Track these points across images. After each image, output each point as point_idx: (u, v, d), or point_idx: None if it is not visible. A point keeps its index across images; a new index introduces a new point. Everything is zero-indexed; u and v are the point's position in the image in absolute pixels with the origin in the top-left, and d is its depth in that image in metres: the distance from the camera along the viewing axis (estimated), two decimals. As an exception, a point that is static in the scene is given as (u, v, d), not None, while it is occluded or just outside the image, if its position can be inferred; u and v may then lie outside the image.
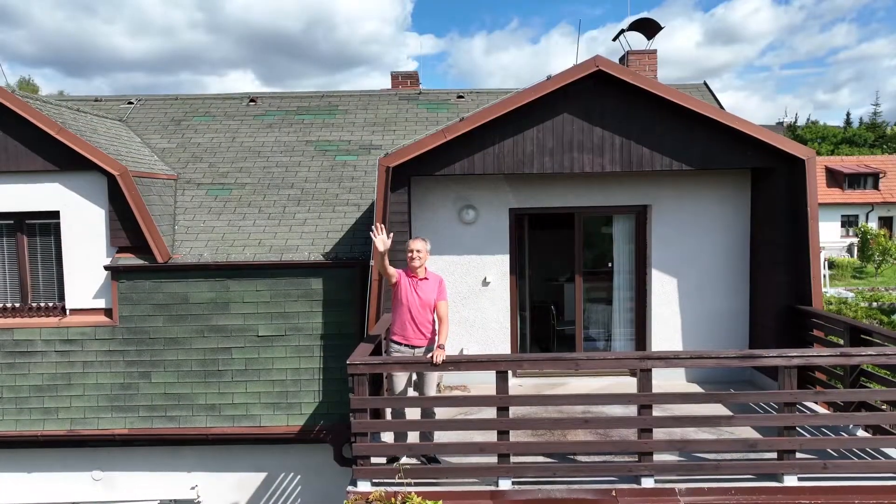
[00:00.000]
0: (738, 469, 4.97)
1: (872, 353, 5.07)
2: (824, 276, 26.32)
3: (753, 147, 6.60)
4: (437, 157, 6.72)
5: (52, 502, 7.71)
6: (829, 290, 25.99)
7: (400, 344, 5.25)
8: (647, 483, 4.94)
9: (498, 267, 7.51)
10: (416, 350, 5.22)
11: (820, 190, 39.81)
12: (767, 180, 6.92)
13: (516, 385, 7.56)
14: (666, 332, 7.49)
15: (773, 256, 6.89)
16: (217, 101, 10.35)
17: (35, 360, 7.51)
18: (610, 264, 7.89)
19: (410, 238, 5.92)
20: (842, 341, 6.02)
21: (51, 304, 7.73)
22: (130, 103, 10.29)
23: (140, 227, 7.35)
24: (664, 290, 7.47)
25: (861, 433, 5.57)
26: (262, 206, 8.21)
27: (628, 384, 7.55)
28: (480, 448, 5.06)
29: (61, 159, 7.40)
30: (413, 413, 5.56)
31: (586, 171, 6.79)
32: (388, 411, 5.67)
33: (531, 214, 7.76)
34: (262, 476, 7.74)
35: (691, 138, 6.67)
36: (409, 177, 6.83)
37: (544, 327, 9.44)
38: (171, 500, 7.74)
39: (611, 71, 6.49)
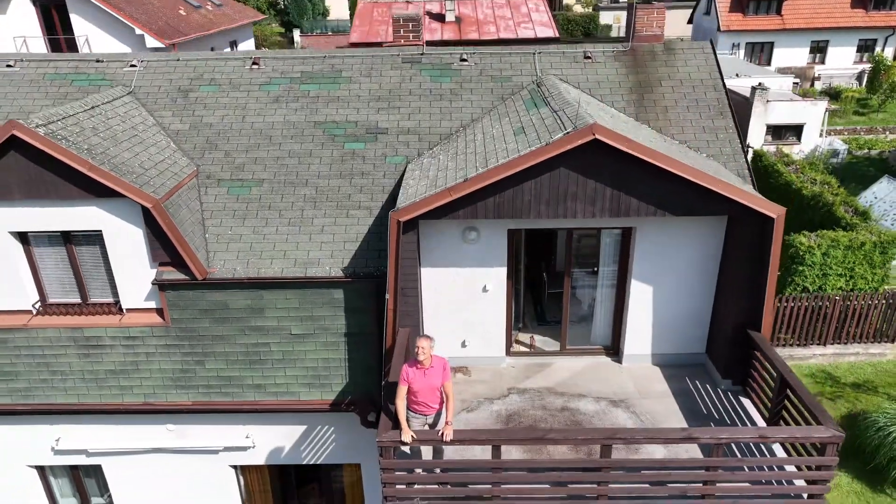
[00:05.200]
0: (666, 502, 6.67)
1: (784, 437, 6.46)
2: (824, 117, 26.44)
3: (730, 202, 7.26)
4: (443, 209, 7.39)
5: (136, 447, 9.71)
6: (823, 143, 26.36)
7: (416, 413, 6.63)
8: (602, 511, 6.67)
9: (496, 277, 8.53)
10: (429, 417, 6.63)
11: (841, 10, 37.63)
12: (742, 223, 7.66)
13: (509, 366, 9.07)
14: (639, 328, 8.76)
15: (736, 285, 7.92)
16: (219, 63, 10.31)
17: (105, 351, 8.92)
18: (595, 270, 8.89)
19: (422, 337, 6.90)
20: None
21: (109, 302, 8.92)
22: (133, 66, 10.27)
23: (175, 245, 8.23)
24: (641, 297, 8.58)
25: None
26: (281, 210, 8.94)
27: (604, 363, 9.10)
28: (481, 471, 6.70)
29: (96, 189, 8.01)
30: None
31: (578, 218, 7.51)
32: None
33: (527, 229, 8.57)
34: (302, 428, 9.62)
35: (675, 192, 7.28)
36: (417, 221, 7.57)
37: (538, 304, 10.60)
38: (230, 446, 9.72)
39: (605, 139, 6.90)
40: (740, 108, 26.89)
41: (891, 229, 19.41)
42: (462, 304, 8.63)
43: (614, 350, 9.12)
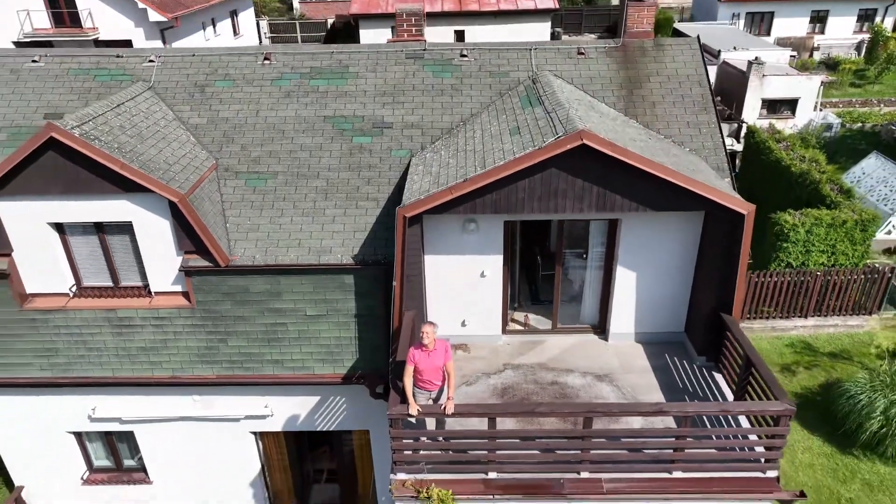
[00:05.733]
0: (641, 468, 7.59)
1: (743, 410, 7.34)
2: (818, 91, 26.81)
3: (706, 201, 8.00)
4: (445, 206, 8.13)
5: (165, 416, 10.65)
6: (816, 117, 26.81)
7: (421, 390, 7.50)
8: (584, 473, 7.60)
9: (493, 263, 9.32)
10: (432, 392, 7.51)
11: (843, -23, 37.41)
12: (716, 218, 8.41)
13: (505, 344, 9.95)
14: (624, 309, 9.59)
15: (711, 273, 8.72)
16: (233, 58, 10.89)
17: (136, 330, 9.78)
18: (585, 255, 9.68)
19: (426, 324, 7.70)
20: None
21: (139, 285, 9.74)
22: (151, 61, 10.86)
23: (200, 236, 9.01)
24: (626, 281, 9.38)
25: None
26: (295, 201, 9.68)
27: (591, 340, 9.97)
28: (478, 439, 7.62)
29: (126, 185, 8.74)
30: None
31: (568, 212, 8.27)
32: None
33: (522, 221, 9.32)
34: (316, 398, 10.55)
35: (655, 190, 8.01)
36: (421, 216, 8.33)
37: (532, 285, 11.38)
38: (250, 415, 10.66)
39: (592, 144, 7.60)
40: (737, 82, 27.33)
41: (877, 205, 20.17)
42: (462, 288, 9.45)
43: (601, 328, 9.97)
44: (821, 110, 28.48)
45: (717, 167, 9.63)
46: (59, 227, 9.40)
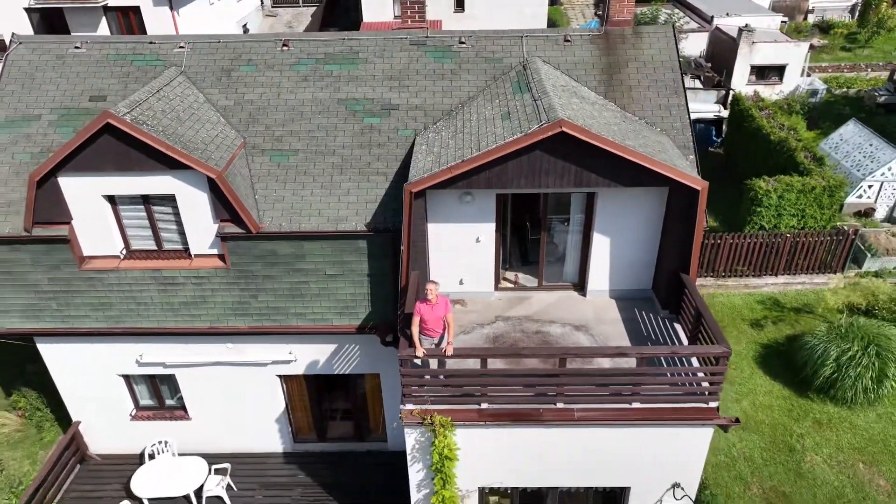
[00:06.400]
0: (607, 400, 9.22)
1: (689, 352, 8.93)
2: (805, 57, 27.77)
3: (667, 178, 9.41)
4: (445, 182, 9.54)
5: (202, 361, 12.29)
6: (803, 83, 27.83)
7: (426, 336, 9.08)
8: (560, 404, 9.24)
9: (487, 230, 10.78)
10: (435, 339, 9.09)
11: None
12: (677, 192, 9.83)
13: (497, 299, 11.50)
14: (600, 269, 11.09)
15: (672, 239, 10.20)
16: (255, 44, 12.11)
17: (179, 287, 11.32)
18: (567, 222, 11.14)
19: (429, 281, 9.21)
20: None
21: (180, 249, 11.24)
22: (181, 47, 12.09)
23: (234, 207, 10.46)
24: (602, 245, 10.85)
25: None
26: (314, 175, 11.08)
27: (572, 296, 11.52)
28: (472, 377, 9.24)
29: (170, 163, 10.14)
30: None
31: (551, 188, 9.69)
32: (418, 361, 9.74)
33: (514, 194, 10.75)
34: (334, 346, 12.18)
35: (624, 169, 9.40)
36: (425, 191, 9.75)
37: (522, 248, 12.83)
38: (276, 360, 12.29)
39: (571, 132, 8.97)
40: (728, 49, 28.25)
41: (850, 170, 21.54)
42: (460, 252, 10.93)
43: (580, 286, 11.50)
44: (809, 76, 29.45)
45: (684, 145, 10.99)
46: (112, 199, 10.84)
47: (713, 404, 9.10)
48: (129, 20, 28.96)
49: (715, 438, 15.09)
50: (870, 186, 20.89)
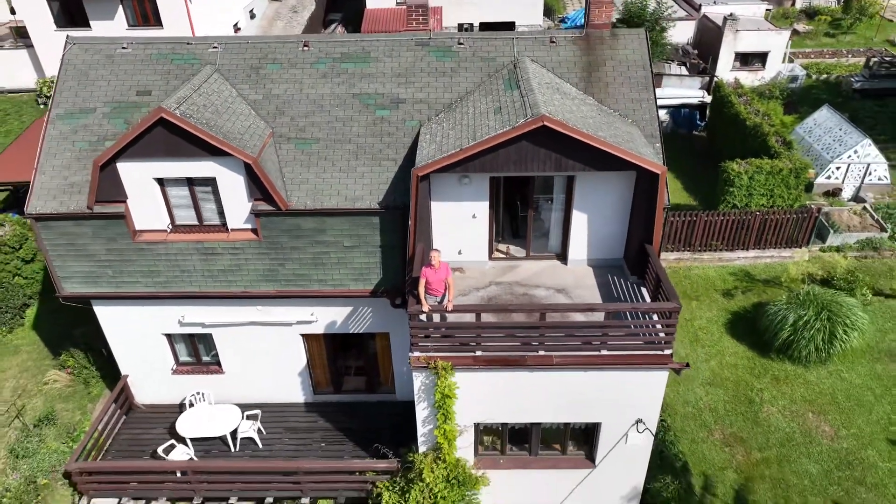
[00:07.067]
0: (580, 348, 11.13)
1: (647, 308, 10.82)
2: (786, 45, 29.30)
3: (632, 164, 11.21)
4: (446, 167, 11.34)
5: (236, 321, 14.20)
6: (784, 69, 29.38)
7: (430, 295, 10.96)
8: (541, 352, 11.16)
9: (482, 208, 12.59)
10: (438, 297, 10.98)
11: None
12: (642, 176, 11.63)
13: (490, 267, 13.36)
14: (578, 241, 12.94)
15: (639, 215, 12.03)
16: (279, 44, 13.82)
17: (217, 257, 13.18)
18: (550, 201, 12.97)
19: (433, 249, 11.07)
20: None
21: (219, 224, 13.08)
22: (215, 47, 13.80)
23: (266, 188, 12.28)
24: (581, 220, 12.68)
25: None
26: (333, 161, 12.87)
27: (555, 265, 13.38)
28: (469, 329, 11.15)
29: (213, 150, 11.93)
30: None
31: (536, 172, 11.51)
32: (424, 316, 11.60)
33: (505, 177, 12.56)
34: (349, 308, 14.08)
35: (597, 156, 11.18)
36: (429, 175, 11.56)
37: (512, 223, 14.64)
38: (300, 321, 14.19)
39: (551, 125, 10.74)
40: (714, 36, 29.79)
41: (821, 153, 23.32)
42: (459, 226, 12.76)
43: (563, 256, 13.35)
44: (790, 62, 30.99)
45: (651, 135, 12.76)
46: (161, 181, 12.65)
47: (668, 351, 11.02)
48: (144, 7, 30.40)
49: (685, 393, 17.25)
50: (837, 168, 22.66)
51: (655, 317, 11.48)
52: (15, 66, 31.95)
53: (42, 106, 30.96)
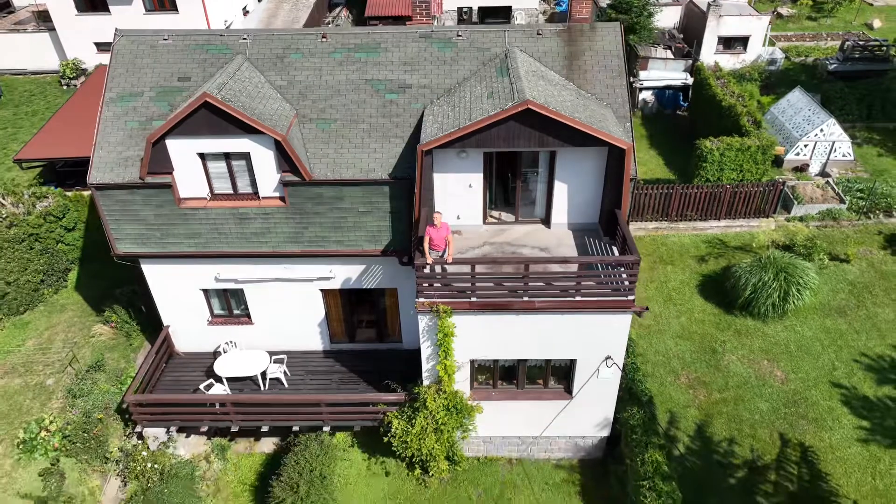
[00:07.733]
0: (557, 295, 13.34)
1: (612, 260, 13.03)
2: (767, 29, 31.09)
3: (603, 141, 13.31)
4: (447, 144, 13.44)
5: (265, 277, 16.41)
6: (764, 53, 31.25)
7: (433, 250, 13.15)
8: (525, 298, 13.38)
9: (477, 179, 14.72)
10: (440, 252, 13.17)
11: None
12: (612, 151, 13.75)
13: (485, 230, 15.53)
14: (560, 207, 15.08)
15: (610, 185, 14.16)
16: (300, 36, 15.83)
17: (250, 221, 15.34)
18: (536, 173, 15.10)
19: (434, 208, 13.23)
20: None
21: (251, 192, 15.22)
22: (244, 39, 15.82)
23: (294, 161, 14.40)
24: (562, 190, 14.82)
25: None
26: (349, 138, 14.96)
27: (540, 228, 15.56)
28: (465, 278, 13.37)
29: (247, 129, 14.01)
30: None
31: (523, 147, 13.62)
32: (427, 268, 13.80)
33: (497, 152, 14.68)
34: (363, 266, 16.27)
35: (574, 134, 13.27)
36: (432, 150, 13.67)
37: (503, 192, 16.77)
38: (320, 277, 16.39)
39: (534, 108, 12.82)
40: (698, 21, 31.61)
41: (791, 132, 25.37)
42: (457, 194, 14.90)
43: (546, 220, 15.51)
44: (771, 45, 32.83)
45: (623, 116, 14.84)
46: (202, 156, 14.76)
47: (630, 297, 13.24)
48: (163, -6, 32.20)
49: (656, 343, 19.53)
50: (805, 146, 24.72)
51: (624, 273, 13.68)
52: (38, 49, 33.80)
53: (65, 87, 32.88)
